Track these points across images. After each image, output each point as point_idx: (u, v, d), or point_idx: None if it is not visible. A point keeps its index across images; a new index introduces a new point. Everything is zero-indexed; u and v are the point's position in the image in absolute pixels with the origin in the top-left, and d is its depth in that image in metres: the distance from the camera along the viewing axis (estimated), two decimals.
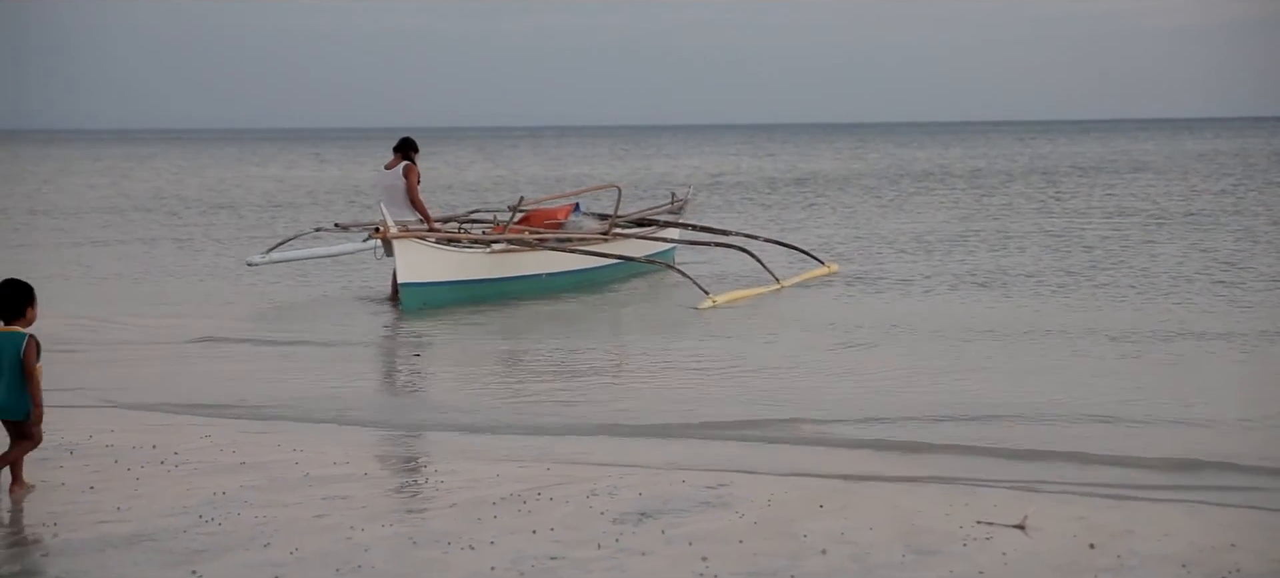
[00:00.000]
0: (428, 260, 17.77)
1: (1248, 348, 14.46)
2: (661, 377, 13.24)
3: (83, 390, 12.62)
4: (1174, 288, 19.07)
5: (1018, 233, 28.09)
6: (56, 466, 9.40)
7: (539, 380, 13.44)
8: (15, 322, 8.45)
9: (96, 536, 7.69)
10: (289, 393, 12.60)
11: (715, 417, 11.23)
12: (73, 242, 29.70)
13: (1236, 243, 24.93)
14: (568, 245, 19.36)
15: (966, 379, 12.91)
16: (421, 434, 10.88)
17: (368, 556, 7.33)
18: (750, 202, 41.08)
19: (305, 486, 8.90)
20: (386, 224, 17.43)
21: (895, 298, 18.73)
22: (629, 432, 10.74)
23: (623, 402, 12.12)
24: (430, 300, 17.73)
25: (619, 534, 7.72)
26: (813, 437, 10.47)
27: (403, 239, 17.52)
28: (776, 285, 19.41)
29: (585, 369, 13.89)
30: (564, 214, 20.73)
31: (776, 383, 12.83)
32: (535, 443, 10.35)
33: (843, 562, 7.26)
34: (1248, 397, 12.17)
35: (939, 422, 10.94)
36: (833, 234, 28.80)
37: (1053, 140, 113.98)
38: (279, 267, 21.56)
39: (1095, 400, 11.83)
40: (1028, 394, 12.16)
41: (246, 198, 45.74)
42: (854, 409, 11.52)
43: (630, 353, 14.77)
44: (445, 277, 17.98)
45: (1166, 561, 7.27)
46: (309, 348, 15.04)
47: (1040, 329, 15.78)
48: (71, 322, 17.06)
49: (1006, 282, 20.21)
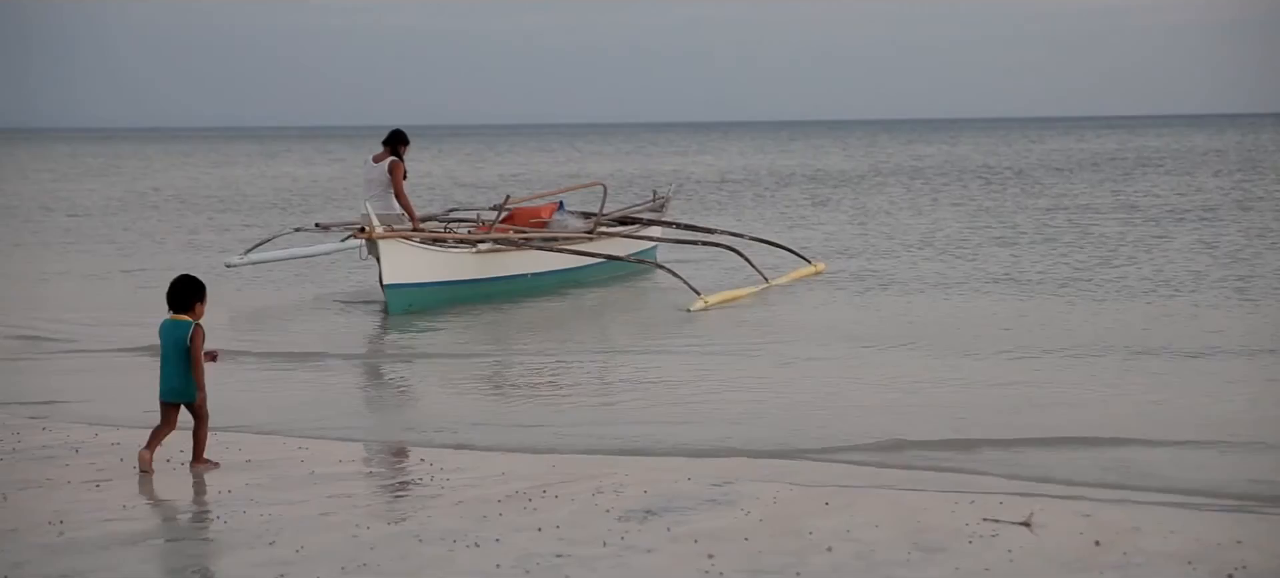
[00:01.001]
0: (414, 261, 17.58)
1: (1255, 345, 14.46)
2: (658, 379, 13.18)
3: (87, 390, 12.63)
4: (1182, 285, 19.06)
5: (1023, 230, 28.07)
6: (62, 463, 9.41)
7: (537, 381, 13.44)
8: (184, 314, 9.11)
9: (102, 533, 7.69)
10: (287, 394, 12.61)
11: (718, 416, 11.24)
12: (94, 240, 29.72)
13: (1247, 239, 24.93)
14: (554, 245, 19.21)
15: (970, 378, 12.90)
16: (425, 433, 10.87)
17: (373, 553, 7.33)
18: (760, 200, 41.05)
19: (310, 484, 8.91)
20: (371, 224, 17.17)
21: (897, 296, 18.73)
22: (631, 432, 10.73)
23: (622, 403, 12.12)
24: (417, 302, 17.55)
25: (624, 532, 7.73)
26: (817, 435, 10.47)
27: (388, 240, 17.27)
28: (765, 285, 19.35)
29: (581, 371, 13.85)
30: (548, 212, 20.56)
31: (778, 381, 12.83)
32: (539, 440, 10.35)
33: (848, 559, 7.26)
34: (1255, 394, 12.17)
35: (943, 420, 10.94)
36: (839, 231, 28.80)
37: (1049, 138, 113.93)
38: (260, 267, 21.30)
39: (1101, 398, 11.83)
40: (1033, 392, 12.17)
41: (258, 194, 45.77)
42: (858, 409, 11.52)
43: (623, 355, 14.67)
44: (431, 277, 17.79)
45: (1172, 557, 7.26)
46: (302, 348, 14.96)
47: (1045, 326, 15.78)
48: (74, 320, 17.08)
49: (1012, 279, 20.20)
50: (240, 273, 21.34)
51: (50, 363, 14.35)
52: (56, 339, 15.79)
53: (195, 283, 9.21)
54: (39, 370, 13.91)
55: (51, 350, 15.10)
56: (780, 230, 29.11)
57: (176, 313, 9.14)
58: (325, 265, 22.52)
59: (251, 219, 35.69)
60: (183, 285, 9.17)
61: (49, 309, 18.47)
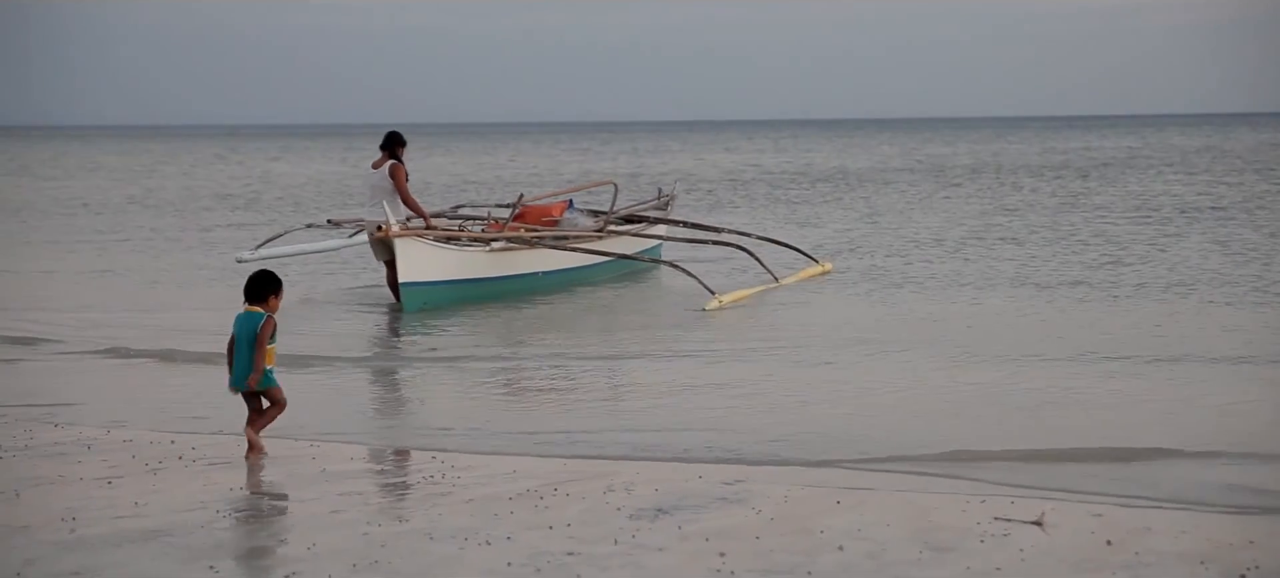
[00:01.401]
0: (429, 259, 17.63)
1: (1265, 344, 14.43)
2: (670, 379, 13.14)
3: (98, 387, 12.65)
4: (1192, 285, 19.02)
5: (1035, 228, 28.03)
6: (75, 460, 9.43)
7: (550, 382, 13.43)
8: (258, 305, 9.53)
9: (114, 531, 7.70)
10: (302, 394, 12.61)
11: (729, 415, 11.23)
12: (113, 238, 29.77)
13: (1262, 238, 24.88)
14: (566, 244, 19.24)
15: (981, 378, 12.88)
16: (435, 433, 10.87)
17: (384, 551, 7.34)
18: (775, 199, 41.03)
19: (322, 482, 8.92)
20: (389, 223, 17.18)
21: (909, 296, 18.71)
22: (643, 432, 10.71)
23: (635, 404, 12.12)
24: (431, 300, 17.59)
25: (636, 530, 7.72)
26: (827, 434, 10.44)
27: (404, 238, 17.32)
28: (775, 283, 19.39)
29: (595, 371, 13.82)
30: (559, 211, 20.54)
31: (789, 381, 12.82)
32: (550, 441, 10.35)
33: (859, 558, 7.25)
34: (1266, 395, 12.14)
35: (954, 419, 10.93)
36: (851, 230, 28.77)
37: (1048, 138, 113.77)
38: (271, 262, 21.25)
39: (1113, 399, 11.81)
40: (1044, 392, 12.15)
41: (269, 191, 45.83)
42: (868, 408, 11.51)
43: (636, 355, 14.61)
44: (446, 276, 17.84)
45: (1184, 558, 7.25)
46: (316, 349, 14.95)
47: (1057, 326, 15.76)
48: (83, 318, 17.11)
49: (1023, 280, 20.17)
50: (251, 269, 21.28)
51: (60, 361, 14.36)
52: (62, 338, 15.81)
53: (272, 277, 9.61)
54: (49, 368, 13.93)
55: (60, 349, 15.12)
56: (791, 228, 29.10)
57: (252, 305, 9.53)
58: (337, 262, 22.55)
59: (262, 216, 35.72)
60: (260, 279, 9.58)
61: (58, 306, 18.50)
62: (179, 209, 39.16)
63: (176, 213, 37.60)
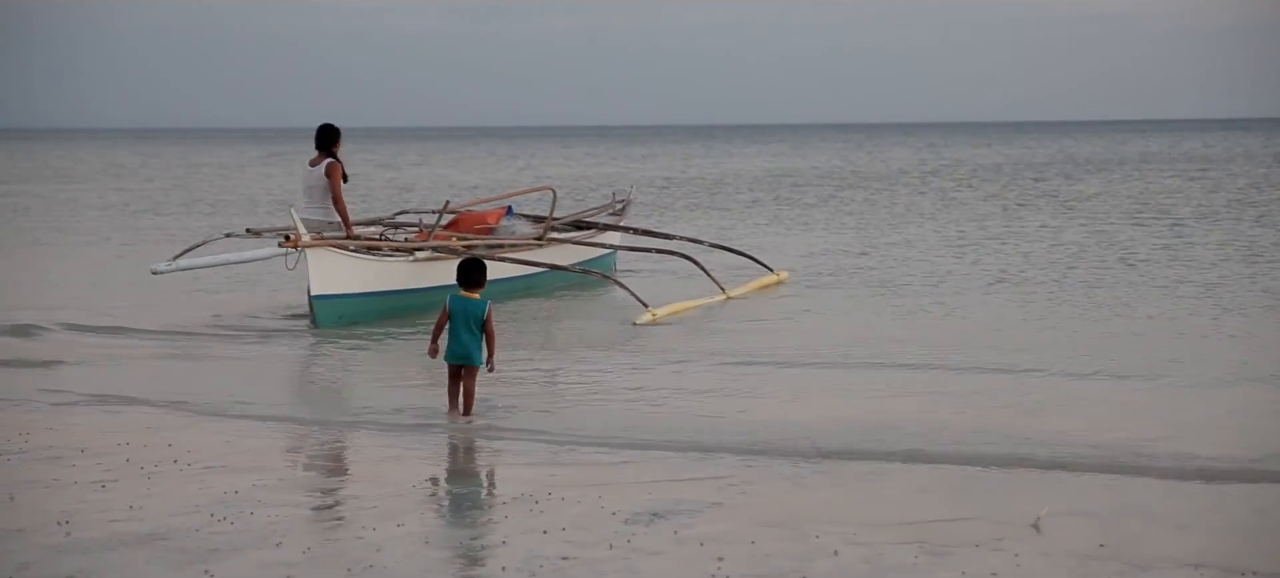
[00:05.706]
0: (343, 271, 16.36)
1: (1264, 348, 14.43)
2: (656, 384, 12.85)
3: (94, 388, 12.63)
4: (1184, 286, 19.03)
5: (1028, 230, 28.03)
6: (68, 464, 9.42)
7: (515, 388, 13.33)
8: (473, 290, 10.97)
9: (108, 534, 7.70)
10: (279, 391, 12.61)
11: (721, 421, 11.16)
12: (107, 236, 29.79)
13: (1274, 242, 24.89)
14: (499, 253, 17.83)
15: (977, 382, 12.85)
16: (432, 436, 10.86)
17: (380, 555, 7.33)
18: (775, 204, 41.05)
19: (318, 485, 8.91)
20: (298, 232, 16.01)
21: (900, 300, 18.62)
22: (638, 437, 10.65)
23: (624, 408, 12.07)
24: (347, 314, 16.33)
25: (631, 535, 7.72)
26: (822, 439, 10.39)
27: (315, 248, 16.11)
28: (722, 296, 18.14)
29: (531, 382, 13.33)
30: (495, 217, 19.13)
31: (781, 387, 12.75)
32: (544, 446, 10.33)
33: (855, 563, 7.25)
34: (1264, 396, 12.14)
35: (949, 423, 10.90)
36: (838, 237, 28.78)
37: (1049, 140, 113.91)
38: (189, 274, 19.24)
39: (1109, 400, 11.81)
40: (1040, 395, 12.14)
41: (268, 193, 45.88)
42: (863, 413, 11.48)
43: (573, 367, 13.92)
44: (363, 288, 16.58)
45: (1180, 561, 7.24)
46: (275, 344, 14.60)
47: (1052, 327, 15.76)
48: (84, 317, 17.09)
49: (1016, 280, 20.15)
50: (166, 281, 19.26)
51: (59, 360, 14.34)
52: (65, 337, 15.80)
53: (482, 264, 11.07)
54: (48, 368, 13.91)
55: (59, 348, 15.10)
56: (776, 234, 29.08)
57: (467, 290, 10.92)
58: (259, 273, 21.18)
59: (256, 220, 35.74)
60: (472, 266, 11.03)
61: (59, 306, 18.46)
62: (175, 210, 39.15)
63: (174, 213, 37.59)
